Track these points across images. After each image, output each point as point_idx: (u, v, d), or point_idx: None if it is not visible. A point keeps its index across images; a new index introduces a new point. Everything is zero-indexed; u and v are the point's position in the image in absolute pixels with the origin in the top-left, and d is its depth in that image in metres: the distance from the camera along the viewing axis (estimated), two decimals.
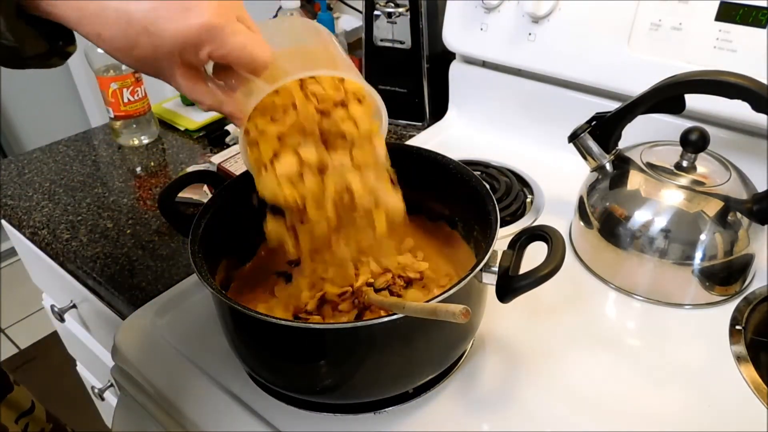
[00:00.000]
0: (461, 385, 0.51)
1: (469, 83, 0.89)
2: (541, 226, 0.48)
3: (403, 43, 0.87)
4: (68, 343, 1.12)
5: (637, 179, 0.59)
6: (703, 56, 0.65)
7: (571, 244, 0.66)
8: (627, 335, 0.56)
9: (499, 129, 0.88)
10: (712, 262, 0.56)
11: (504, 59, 0.81)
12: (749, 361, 0.51)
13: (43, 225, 0.75)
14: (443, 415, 0.49)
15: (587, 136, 0.62)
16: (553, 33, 0.75)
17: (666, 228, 0.56)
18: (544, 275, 0.43)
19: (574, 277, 0.62)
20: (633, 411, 0.48)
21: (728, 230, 0.55)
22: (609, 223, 0.60)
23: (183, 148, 0.92)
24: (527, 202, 0.74)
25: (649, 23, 0.68)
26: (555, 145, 0.76)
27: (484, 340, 0.55)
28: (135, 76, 0.88)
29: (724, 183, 0.56)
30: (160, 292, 0.62)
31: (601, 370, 0.52)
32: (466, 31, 0.82)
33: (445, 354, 0.49)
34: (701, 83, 0.55)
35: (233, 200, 0.53)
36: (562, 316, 0.57)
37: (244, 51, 0.37)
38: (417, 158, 0.57)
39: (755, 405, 0.48)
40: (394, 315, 0.40)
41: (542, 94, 0.82)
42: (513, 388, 0.51)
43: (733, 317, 0.56)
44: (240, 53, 0.37)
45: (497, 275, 0.45)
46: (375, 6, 0.86)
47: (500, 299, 0.45)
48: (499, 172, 0.78)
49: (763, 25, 0.61)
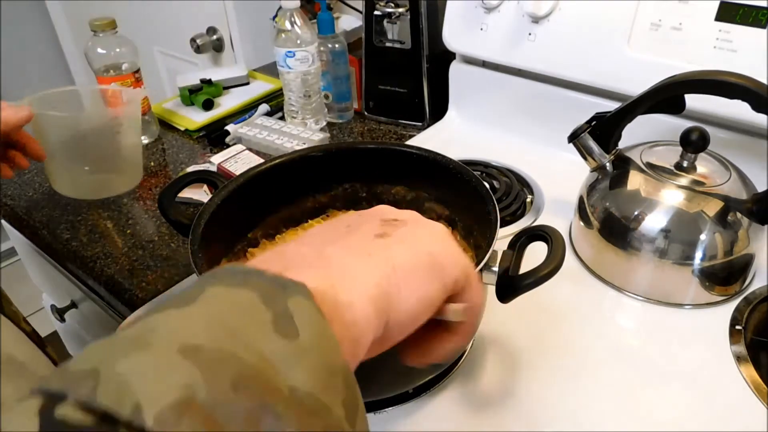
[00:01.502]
0: (461, 385, 0.51)
1: (469, 83, 0.89)
2: (541, 226, 0.48)
3: (403, 43, 0.87)
4: (68, 343, 1.12)
5: (637, 179, 0.59)
6: (703, 56, 0.65)
7: (571, 244, 0.66)
8: (627, 335, 0.56)
9: (499, 129, 0.88)
10: (712, 262, 0.56)
11: (504, 59, 0.81)
12: (749, 361, 0.51)
13: (43, 225, 0.75)
14: (443, 416, 0.49)
15: (587, 136, 0.62)
16: (553, 33, 0.75)
17: (666, 228, 0.56)
18: (544, 275, 0.43)
19: (574, 278, 0.62)
20: (633, 411, 0.48)
21: (728, 230, 0.55)
22: (609, 223, 0.60)
23: (183, 148, 0.92)
24: (527, 202, 0.74)
25: (649, 23, 0.68)
26: (555, 145, 0.76)
27: (484, 340, 0.55)
28: (135, 76, 0.88)
29: (724, 183, 0.56)
30: (159, 292, 0.62)
31: (601, 370, 0.52)
32: (466, 31, 0.82)
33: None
34: (701, 83, 0.55)
35: (233, 200, 0.53)
36: (562, 316, 0.57)
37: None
38: (417, 158, 0.57)
39: (755, 405, 0.48)
40: None
41: (542, 94, 0.82)
42: (513, 388, 0.51)
43: (733, 317, 0.56)
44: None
45: (497, 275, 0.45)
46: (375, 6, 0.86)
47: (500, 299, 0.45)
48: (499, 172, 0.78)
49: (763, 25, 0.61)
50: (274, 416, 0.18)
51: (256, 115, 0.96)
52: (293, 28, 0.83)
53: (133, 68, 0.88)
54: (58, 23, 1.81)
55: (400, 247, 0.28)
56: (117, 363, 0.17)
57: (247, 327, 0.20)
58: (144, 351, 0.18)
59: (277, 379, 0.19)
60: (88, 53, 0.87)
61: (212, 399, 0.17)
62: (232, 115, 0.99)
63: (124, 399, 0.16)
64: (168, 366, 0.18)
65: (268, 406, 0.18)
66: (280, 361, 0.20)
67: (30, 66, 1.88)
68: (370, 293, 0.26)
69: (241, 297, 0.21)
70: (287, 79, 0.87)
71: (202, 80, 1.03)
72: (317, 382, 0.20)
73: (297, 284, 0.22)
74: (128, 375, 0.17)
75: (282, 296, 0.22)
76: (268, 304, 0.21)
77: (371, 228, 0.30)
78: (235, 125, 0.92)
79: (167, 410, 0.16)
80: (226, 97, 1.04)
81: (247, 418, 0.18)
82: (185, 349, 0.18)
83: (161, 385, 0.17)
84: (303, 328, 0.21)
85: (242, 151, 0.85)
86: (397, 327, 0.27)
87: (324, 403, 0.20)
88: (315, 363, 0.20)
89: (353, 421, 0.21)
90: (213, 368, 0.18)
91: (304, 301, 0.22)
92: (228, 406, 0.17)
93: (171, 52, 1.52)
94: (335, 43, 0.90)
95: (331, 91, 0.94)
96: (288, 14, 0.83)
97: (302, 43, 0.83)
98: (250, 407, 0.18)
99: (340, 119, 0.96)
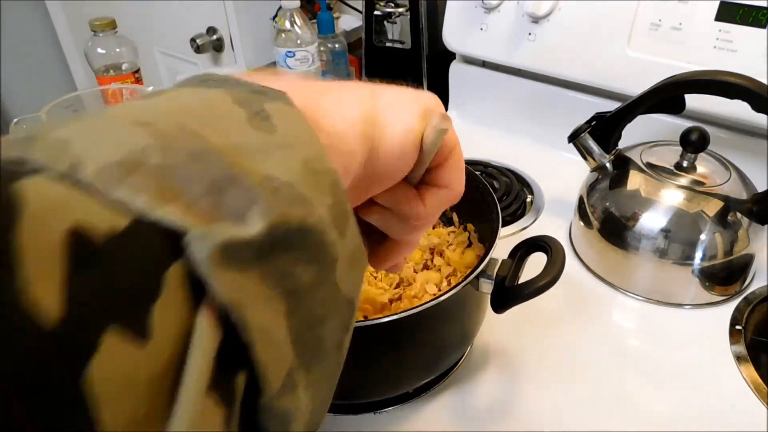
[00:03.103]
0: (461, 385, 0.51)
1: (469, 83, 0.89)
2: (542, 236, 0.47)
3: (403, 43, 0.87)
4: None
5: (637, 179, 0.59)
6: (703, 56, 0.65)
7: (570, 244, 0.66)
8: (627, 335, 0.56)
9: (499, 129, 0.88)
10: (712, 262, 0.56)
11: (504, 59, 0.81)
12: (749, 361, 0.51)
13: None
14: (443, 416, 0.49)
15: (587, 136, 0.62)
16: (553, 33, 0.75)
17: (666, 228, 0.56)
18: (540, 287, 0.42)
19: (574, 278, 0.62)
20: (633, 411, 0.48)
21: (728, 230, 0.55)
22: (609, 223, 0.60)
23: None
24: (527, 202, 0.74)
25: (649, 23, 0.68)
26: (555, 145, 0.76)
27: (484, 340, 0.55)
28: (135, 76, 0.88)
29: (724, 183, 0.56)
30: None
31: (600, 370, 0.52)
32: (466, 31, 0.82)
33: (444, 356, 0.49)
34: (701, 83, 0.55)
35: None
36: (561, 316, 0.57)
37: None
38: None
39: (755, 405, 0.48)
40: (394, 316, 0.40)
41: (542, 94, 0.82)
42: (512, 388, 0.51)
43: (733, 317, 0.56)
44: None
45: (493, 284, 0.44)
46: (375, 6, 0.86)
47: (495, 309, 0.44)
48: (499, 172, 0.78)
49: (763, 25, 0.61)
50: (244, 188, 0.16)
51: None
52: (293, 28, 0.83)
53: (133, 68, 0.88)
54: (58, 23, 1.81)
55: (386, 90, 0.27)
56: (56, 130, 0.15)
57: (217, 119, 0.17)
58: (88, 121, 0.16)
59: (248, 163, 0.16)
60: (88, 53, 0.87)
61: (167, 163, 0.15)
62: None
63: (61, 155, 0.14)
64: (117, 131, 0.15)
65: (236, 179, 0.16)
66: (253, 150, 0.17)
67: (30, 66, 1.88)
68: (356, 114, 0.24)
69: (213, 95, 0.19)
70: None
71: None
72: (297, 175, 0.17)
73: (277, 91, 0.20)
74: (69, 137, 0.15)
75: (259, 100, 0.19)
76: (243, 105, 0.18)
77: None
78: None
79: (112, 166, 0.14)
80: None
81: (210, 187, 0.15)
82: (138, 122, 0.16)
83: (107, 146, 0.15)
84: (282, 126, 0.18)
85: None
86: (384, 158, 0.25)
87: (304, 196, 0.17)
88: (295, 157, 0.18)
89: (342, 231, 0.19)
90: (170, 138, 0.15)
91: (284, 106, 0.19)
92: (186, 172, 0.15)
93: (171, 52, 1.51)
94: (335, 43, 0.90)
95: None
96: (288, 14, 0.83)
97: (302, 43, 0.83)
98: (214, 177, 0.15)
99: None
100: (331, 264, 0.18)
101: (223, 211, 0.15)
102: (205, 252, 0.14)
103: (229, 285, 0.15)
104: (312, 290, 0.17)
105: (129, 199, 0.14)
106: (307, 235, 0.17)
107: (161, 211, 0.14)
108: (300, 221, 0.17)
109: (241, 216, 0.15)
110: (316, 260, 0.17)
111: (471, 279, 0.43)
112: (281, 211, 0.16)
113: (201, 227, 0.14)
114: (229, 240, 0.15)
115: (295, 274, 0.17)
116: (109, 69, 0.87)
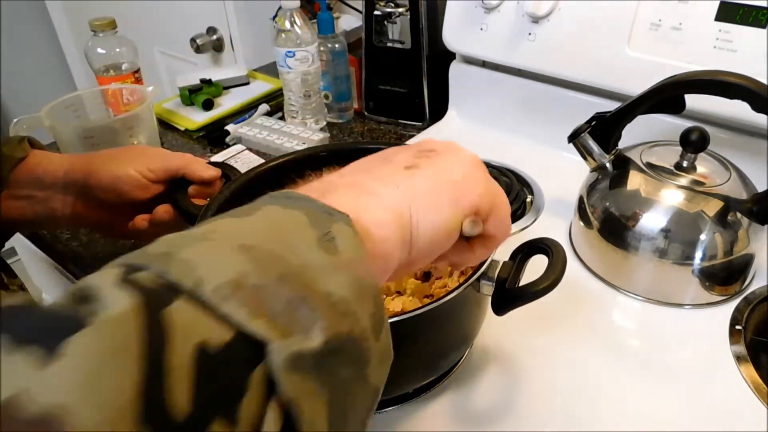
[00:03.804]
0: (461, 386, 0.51)
1: (469, 83, 0.89)
2: (544, 239, 0.47)
3: (403, 43, 0.87)
4: None
5: (637, 179, 0.59)
6: (703, 56, 0.65)
7: (570, 245, 0.66)
8: (627, 335, 0.56)
9: (499, 129, 0.88)
10: (712, 262, 0.56)
11: (504, 59, 0.81)
12: (749, 361, 0.51)
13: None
14: (443, 416, 0.49)
15: (587, 136, 0.62)
16: (553, 33, 0.75)
17: (666, 228, 0.56)
18: (540, 290, 0.42)
19: (574, 278, 0.62)
20: (633, 411, 0.48)
21: (728, 230, 0.55)
22: (609, 223, 0.60)
23: (183, 148, 0.92)
24: (527, 202, 0.74)
25: (649, 23, 0.68)
26: (555, 145, 0.76)
27: (484, 340, 0.55)
28: (135, 76, 0.88)
29: (724, 183, 0.56)
30: None
31: (600, 370, 0.52)
32: (466, 31, 0.82)
33: (444, 357, 0.49)
34: (701, 83, 0.55)
35: (242, 193, 0.53)
36: (561, 315, 0.57)
37: None
38: None
39: (755, 405, 0.48)
40: (394, 317, 0.40)
41: (542, 94, 0.82)
42: (512, 388, 0.51)
43: (733, 317, 0.56)
44: None
45: (494, 286, 0.44)
46: (375, 6, 0.86)
47: (495, 312, 0.45)
48: (499, 172, 0.78)
49: (763, 25, 0.61)
50: (309, 308, 0.21)
51: (256, 115, 0.96)
52: (293, 28, 0.83)
53: (133, 68, 0.88)
54: (58, 23, 1.81)
55: (423, 179, 0.31)
56: (184, 250, 0.21)
57: (296, 239, 0.23)
58: (207, 243, 0.22)
59: (315, 282, 0.22)
60: (88, 53, 0.87)
61: (261, 284, 0.20)
62: (232, 115, 0.99)
63: (189, 274, 0.20)
64: (226, 256, 0.21)
65: (306, 299, 0.21)
66: (320, 269, 0.22)
67: (30, 66, 1.88)
68: (396, 222, 0.29)
69: (293, 216, 0.24)
70: (287, 79, 0.87)
71: (202, 80, 1.03)
72: (350, 292, 0.23)
73: (341, 213, 0.25)
74: (194, 259, 0.20)
75: (328, 221, 0.24)
76: (315, 226, 0.24)
77: (404, 159, 0.32)
78: (235, 125, 0.91)
79: (223, 285, 0.20)
80: (226, 97, 1.04)
81: (288, 305, 0.21)
82: (241, 246, 0.22)
83: (220, 268, 0.20)
84: (343, 248, 0.24)
85: (242, 151, 0.85)
86: (418, 254, 0.30)
87: (354, 310, 0.22)
88: (350, 277, 0.23)
89: (378, 334, 0.24)
90: (263, 263, 0.21)
91: (345, 227, 0.25)
92: (273, 293, 0.20)
93: (171, 52, 1.52)
94: (335, 43, 0.90)
95: (331, 91, 0.94)
96: (288, 14, 0.83)
97: (302, 43, 0.83)
98: (291, 297, 0.21)
99: (340, 119, 0.96)
100: (366, 363, 0.23)
101: (296, 326, 0.20)
102: (280, 361, 0.19)
103: (293, 385, 0.20)
104: (349, 384, 0.22)
105: (233, 312, 0.19)
106: (352, 343, 0.22)
107: (254, 324, 0.19)
108: (349, 332, 0.22)
109: (307, 330, 0.20)
110: (356, 361, 0.22)
111: (472, 281, 0.43)
112: (336, 325, 0.21)
113: (279, 341, 0.20)
114: (298, 352, 0.20)
115: (338, 373, 0.21)
116: (109, 69, 0.87)
